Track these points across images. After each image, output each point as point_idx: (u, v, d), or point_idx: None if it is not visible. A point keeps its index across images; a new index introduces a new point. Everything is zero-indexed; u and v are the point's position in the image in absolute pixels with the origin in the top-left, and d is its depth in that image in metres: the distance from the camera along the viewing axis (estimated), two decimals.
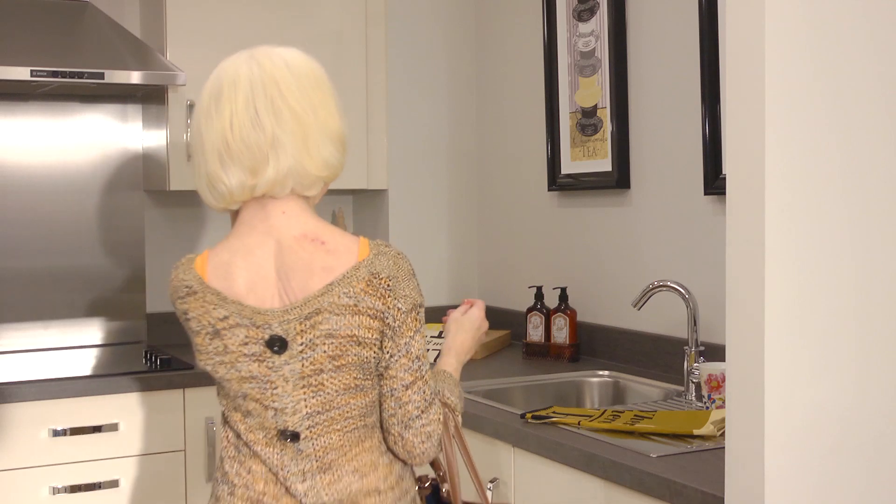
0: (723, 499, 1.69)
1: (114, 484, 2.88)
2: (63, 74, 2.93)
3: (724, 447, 1.70)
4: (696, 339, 2.56)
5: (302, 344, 1.64)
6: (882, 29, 1.65)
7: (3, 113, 3.34)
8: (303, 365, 1.64)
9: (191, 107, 3.21)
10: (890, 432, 1.68)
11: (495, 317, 3.59)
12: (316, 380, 1.65)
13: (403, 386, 1.67)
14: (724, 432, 1.81)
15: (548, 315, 3.17)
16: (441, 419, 1.72)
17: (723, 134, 2.64)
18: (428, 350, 2.67)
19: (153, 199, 3.54)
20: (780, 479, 1.59)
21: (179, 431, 2.97)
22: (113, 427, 2.89)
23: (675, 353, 2.74)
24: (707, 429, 2.09)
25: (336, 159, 1.73)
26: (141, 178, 3.51)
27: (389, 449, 1.73)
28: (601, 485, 2.02)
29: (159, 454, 2.95)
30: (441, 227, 3.70)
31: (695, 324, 2.56)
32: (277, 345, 1.65)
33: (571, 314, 3.12)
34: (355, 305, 1.63)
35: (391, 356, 1.66)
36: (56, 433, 2.83)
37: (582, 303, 3.17)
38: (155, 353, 3.23)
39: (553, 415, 2.30)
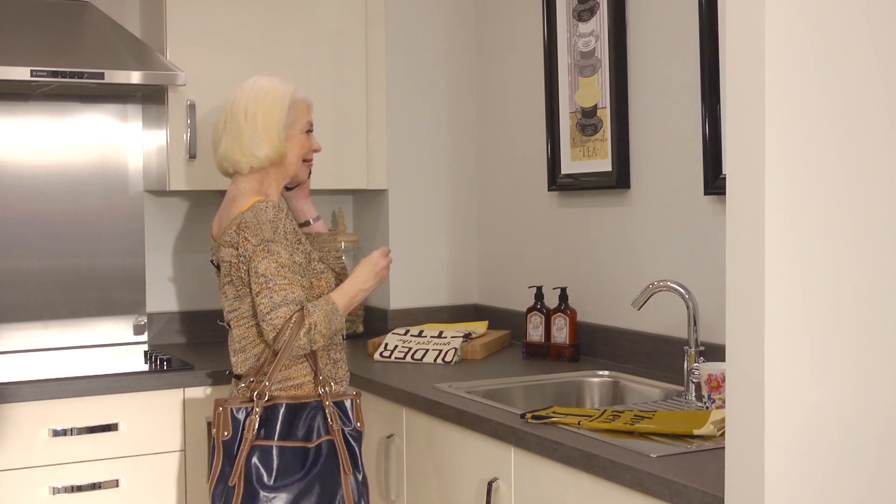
0: (723, 499, 1.69)
1: (114, 484, 2.89)
2: (63, 74, 2.93)
3: (724, 447, 1.70)
4: (696, 339, 2.56)
5: (220, 265, 2.53)
6: (882, 29, 1.66)
7: (3, 113, 3.34)
8: (219, 279, 2.57)
9: (191, 107, 3.21)
10: (890, 432, 1.68)
11: (495, 317, 3.60)
12: (223, 290, 2.54)
13: (255, 293, 2.43)
14: (724, 432, 1.81)
15: (548, 315, 3.16)
16: (289, 319, 2.39)
17: (723, 134, 2.64)
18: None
19: (153, 199, 3.54)
20: (780, 479, 1.59)
21: (179, 431, 2.97)
22: (113, 427, 2.89)
23: (675, 353, 2.74)
24: (707, 429, 2.09)
25: (263, 154, 2.55)
26: (141, 178, 3.51)
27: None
28: (601, 485, 2.02)
29: (159, 454, 2.95)
30: (441, 227, 3.70)
31: (695, 324, 2.56)
32: (214, 265, 2.59)
33: (571, 314, 3.12)
34: (229, 241, 2.47)
35: (248, 273, 2.45)
36: (56, 433, 2.83)
37: (582, 303, 3.17)
38: (155, 353, 3.23)
39: (553, 415, 2.30)
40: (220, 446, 2.43)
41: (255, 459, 2.42)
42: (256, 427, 2.42)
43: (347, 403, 2.54)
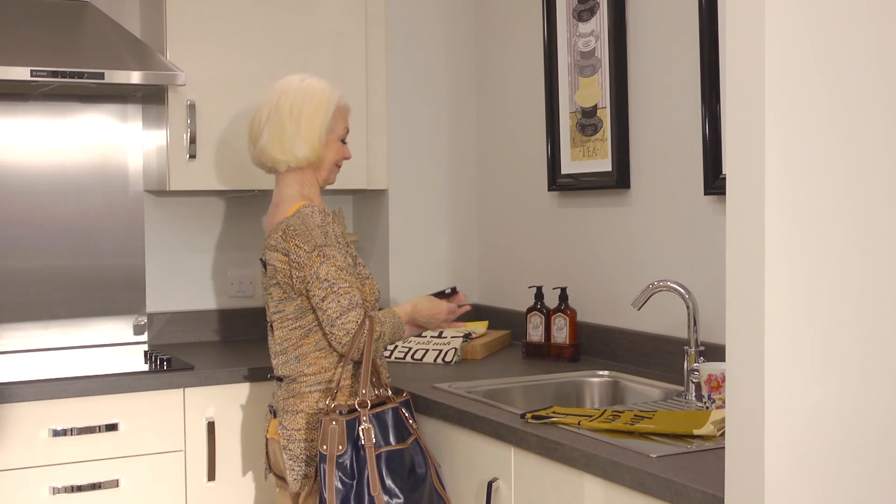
0: (723, 499, 1.69)
1: (114, 484, 2.88)
2: (63, 74, 2.93)
3: (724, 447, 1.70)
4: (696, 339, 2.56)
5: (265, 264, 2.57)
6: (883, 28, 1.65)
7: (3, 113, 3.34)
8: (265, 279, 2.59)
9: (191, 107, 3.21)
10: (891, 432, 1.68)
11: (495, 317, 3.60)
12: (269, 290, 2.57)
13: (320, 299, 2.45)
14: (724, 432, 1.81)
15: (548, 315, 3.17)
16: (360, 323, 2.43)
17: (723, 134, 2.64)
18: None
19: (153, 199, 3.54)
20: (780, 479, 1.59)
21: (179, 431, 2.97)
22: (113, 427, 2.89)
23: (675, 353, 2.74)
24: (707, 429, 2.09)
25: (302, 154, 2.57)
26: (141, 178, 3.51)
27: (329, 343, 2.51)
28: (601, 485, 2.02)
29: (159, 454, 2.95)
30: (441, 227, 3.70)
31: (695, 324, 2.56)
32: (262, 265, 2.61)
33: (571, 314, 3.12)
34: (275, 246, 2.50)
35: (303, 282, 2.47)
36: (56, 433, 2.83)
37: (582, 303, 3.17)
38: (155, 353, 3.23)
39: (553, 415, 2.30)
40: (331, 462, 2.36)
41: (384, 468, 2.40)
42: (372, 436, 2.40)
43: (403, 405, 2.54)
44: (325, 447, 2.37)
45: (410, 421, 2.50)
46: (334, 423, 2.38)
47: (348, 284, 2.45)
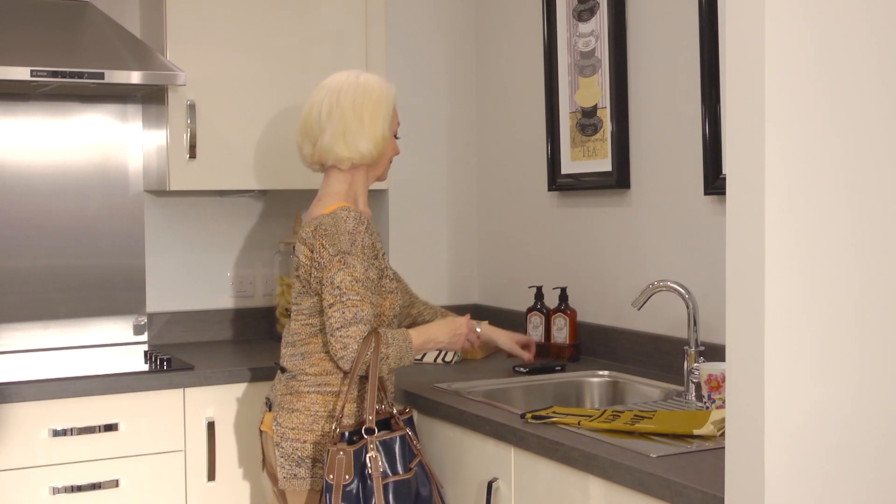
0: (723, 499, 1.69)
1: (114, 484, 2.88)
2: (63, 74, 2.93)
3: (724, 447, 1.70)
4: (696, 339, 2.56)
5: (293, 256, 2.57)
6: (882, 29, 1.65)
7: (3, 113, 3.34)
8: (293, 269, 2.58)
9: (191, 107, 3.21)
10: (891, 433, 1.68)
11: (495, 317, 3.59)
12: (292, 280, 2.58)
13: (328, 305, 2.42)
14: (724, 432, 1.81)
15: (548, 315, 3.16)
16: (362, 340, 2.38)
17: (723, 134, 2.64)
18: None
19: (153, 199, 3.54)
20: (780, 479, 1.59)
21: (179, 431, 2.97)
22: (113, 427, 2.89)
23: (675, 353, 2.74)
24: (707, 429, 2.09)
25: (366, 150, 2.55)
26: (141, 178, 3.51)
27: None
28: (601, 485, 2.02)
29: (159, 454, 2.94)
30: (441, 227, 3.70)
31: (695, 324, 2.56)
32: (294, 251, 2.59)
33: (571, 314, 3.12)
34: (304, 240, 2.50)
35: (320, 283, 2.45)
36: (56, 433, 2.82)
37: (582, 303, 3.17)
38: (155, 353, 3.23)
39: (553, 415, 2.30)
40: (338, 491, 2.32)
41: (391, 498, 2.36)
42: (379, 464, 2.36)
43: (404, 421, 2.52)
44: (331, 476, 2.32)
45: (415, 442, 2.48)
46: (342, 453, 2.33)
47: (359, 297, 2.41)
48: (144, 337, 3.50)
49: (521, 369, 2.90)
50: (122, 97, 3.46)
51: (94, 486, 2.86)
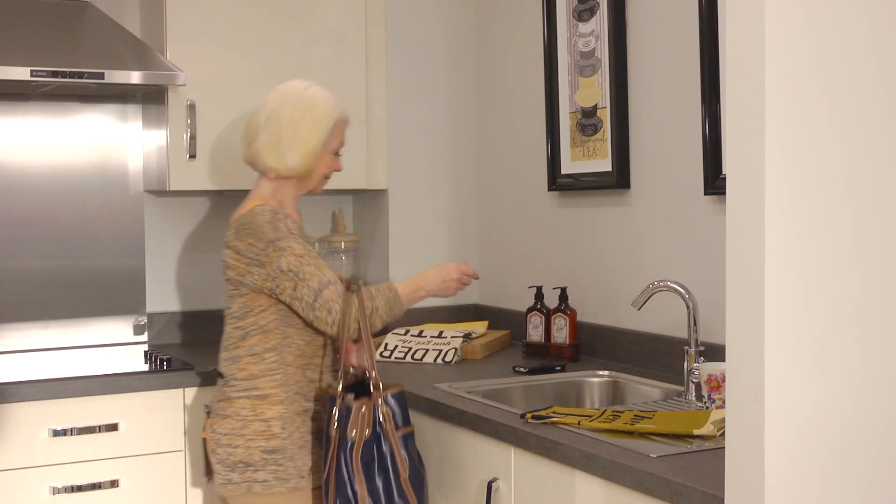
0: (723, 499, 1.69)
1: (114, 484, 2.88)
2: (63, 74, 2.93)
3: (724, 447, 1.70)
4: (696, 339, 2.56)
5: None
6: (882, 29, 1.65)
7: (3, 113, 3.34)
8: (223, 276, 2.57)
9: (191, 107, 3.21)
10: (891, 433, 1.68)
11: (495, 317, 3.60)
12: (224, 285, 2.56)
13: (291, 290, 2.43)
14: (724, 432, 1.81)
15: (548, 315, 3.16)
16: (339, 299, 2.41)
17: (723, 134, 2.64)
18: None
19: (153, 199, 3.54)
20: (780, 479, 1.59)
21: (179, 431, 2.97)
22: (113, 427, 2.89)
23: (675, 353, 2.74)
24: (707, 429, 2.09)
25: (294, 164, 2.54)
26: (141, 178, 3.51)
27: (316, 329, 2.51)
28: (601, 485, 2.02)
29: (159, 454, 2.95)
30: (441, 227, 3.70)
31: (695, 324, 2.56)
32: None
33: (571, 314, 3.12)
34: (227, 243, 2.51)
35: (273, 279, 2.44)
36: (56, 433, 2.82)
37: (582, 303, 3.17)
38: (155, 353, 3.23)
39: (553, 415, 2.30)
40: (359, 448, 2.39)
41: (404, 450, 2.45)
42: (391, 418, 2.44)
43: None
44: (354, 432, 2.39)
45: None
46: (364, 408, 2.40)
47: (314, 266, 2.44)
48: (144, 337, 3.50)
49: (521, 369, 2.90)
50: (122, 97, 3.46)
51: (94, 486, 2.86)
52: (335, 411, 2.41)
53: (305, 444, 2.51)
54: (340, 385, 2.44)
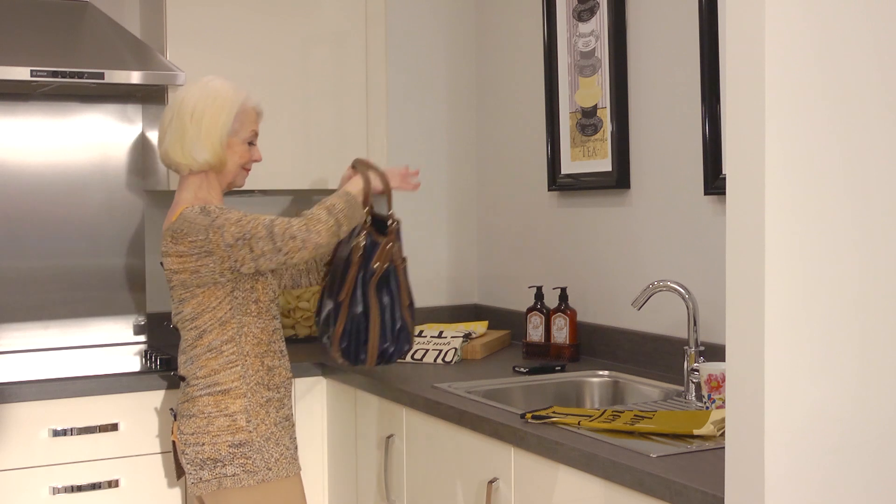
0: (723, 499, 1.69)
1: (114, 484, 2.89)
2: (63, 74, 2.93)
3: (724, 447, 1.70)
4: (696, 339, 2.56)
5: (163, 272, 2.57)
6: (883, 28, 1.66)
7: (3, 113, 3.34)
8: (166, 283, 2.59)
9: None
10: (891, 433, 1.68)
11: (495, 317, 3.60)
12: (170, 294, 2.58)
13: (248, 251, 2.42)
14: (724, 432, 1.81)
15: (548, 315, 3.16)
16: (292, 219, 2.43)
17: (723, 134, 2.64)
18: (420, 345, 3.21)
19: (153, 199, 3.54)
20: (780, 479, 1.60)
21: None
22: (113, 427, 2.89)
23: (675, 353, 2.74)
24: (707, 429, 2.09)
25: (203, 158, 2.54)
26: (141, 179, 3.51)
27: (307, 274, 2.82)
28: (601, 485, 2.02)
29: (159, 454, 2.95)
30: (441, 227, 3.70)
31: (695, 324, 2.56)
32: (163, 268, 2.58)
33: (571, 314, 3.12)
34: (166, 252, 2.51)
35: (228, 258, 2.44)
36: (56, 433, 2.83)
37: (582, 303, 3.17)
38: (155, 353, 3.23)
39: (553, 415, 2.30)
40: (378, 275, 2.65)
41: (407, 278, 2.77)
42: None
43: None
44: (377, 264, 2.65)
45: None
46: (389, 244, 2.67)
47: (254, 221, 2.44)
48: (144, 337, 3.51)
49: (522, 369, 2.90)
50: (122, 97, 3.46)
51: (94, 486, 2.86)
52: (363, 241, 2.62)
53: (271, 436, 2.53)
54: (369, 219, 2.65)
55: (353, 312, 2.64)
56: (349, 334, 2.65)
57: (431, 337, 3.24)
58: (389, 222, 2.71)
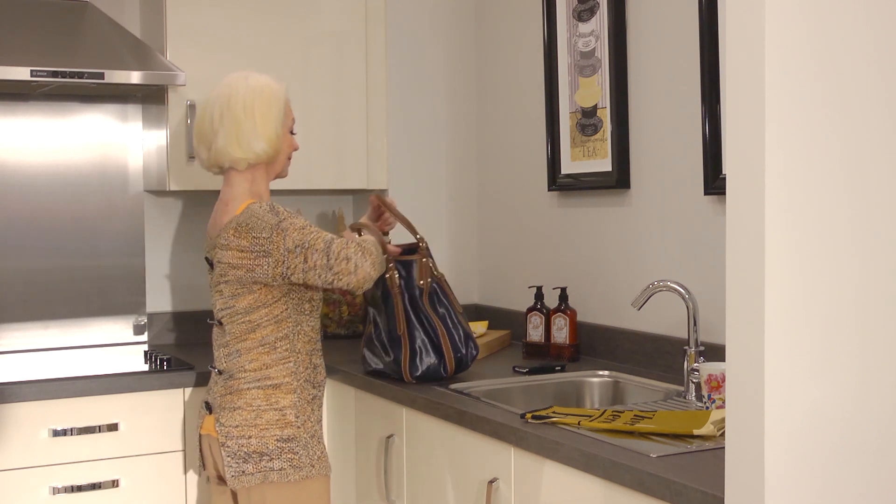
0: (723, 499, 1.69)
1: (114, 484, 2.89)
2: (63, 74, 2.93)
3: (724, 447, 1.70)
4: (696, 339, 2.56)
5: (214, 264, 2.57)
6: (882, 29, 1.66)
7: (3, 113, 3.34)
8: (213, 277, 2.60)
9: (191, 107, 3.21)
10: (891, 433, 1.68)
11: (495, 317, 3.60)
12: (218, 288, 2.57)
13: (303, 262, 2.46)
14: (724, 432, 1.81)
15: (548, 315, 3.16)
16: (350, 243, 2.49)
17: (723, 134, 2.64)
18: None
19: (153, 199, 3.54)
20: (780, 479, 1.60)
21: (179, 431, 2.97)
22: (113, 427, 2.89)
23: (675, 353, 2.74)
24: (707, 429, 2.09)
25: (261, 149, 2.58)
26: (141, 178, 3.51)
27: (348, 292, 3.01)
28: (601, 485, 2.02)
29: (159, 454, 2.95)
30: (441, 227, 3.70)
31: (695, 324, 2.56)
32: (208, 263, 2.63)
33: (571, 314, 3.12)
34: (227, 244, 2.51)
35: (282, 263, 2.47)
36: (56, 433, 2.83)
37: (582, 303, 3.17)
38: (155, 353, 3.23)
39: (553, 415, 2.30)
40: (427, 291, 2.80)
41: None
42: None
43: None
44: (422, 281, 2.78)
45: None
46: (425, 259, 2.81)
47: (316, 233, 2.49)
48: (144, 337, 3.51)
49: (521, 369, 2.90)
50: (122, 97, 3.47)
51: (94, 486, 2.86)
52: (394, 273, 2.76)
53: (315, 433, 2.57)
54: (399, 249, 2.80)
55: (414, 336, 2.76)
56: (420, 357, 2.76)
57: None
58: (418, 239, 2.84)
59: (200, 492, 2.99)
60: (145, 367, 3.06)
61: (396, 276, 2.77)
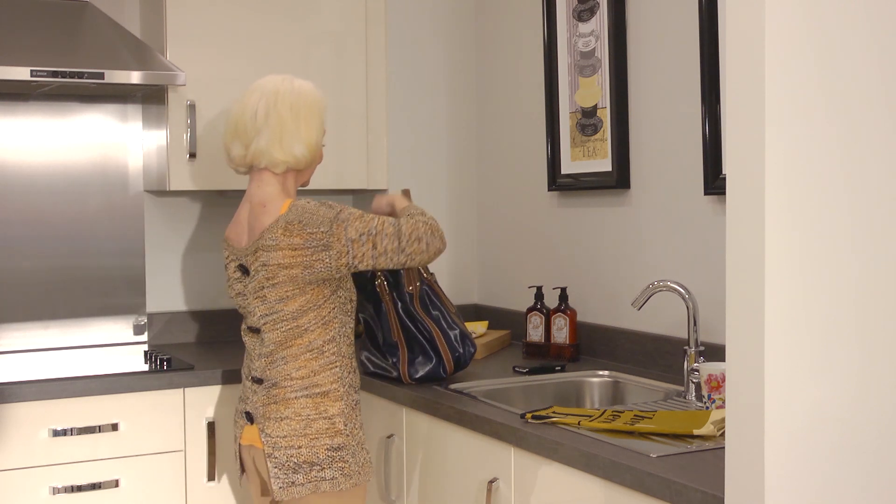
0: (723, 499, 1.69)
1: (114, 484, 2.89)
2: (63, 74, 2.93)
3: (724, 447, 1.70)
4: (696, 339, 2.56)
5: (253, 270, 2.48)
6: (883, 28, 1.66)
7: (3, 113, 3.34)
8: (251, 284, 2.50)
9: (191, 107, 3.21)
10: (890, 432, 1.68)
11: (495, 317, 3.60)
12: (261, 293, 2.48)
13: (371, 248, 2.43)
14: (724, 432, 1.81)
15: (548, 315, 3.16)
16: (418, 222, 2.47)
17: (723, 134, 2.64)
18: None
19: (153, 199, 3.54)
20: (780, 479, 1.60)
21: (179, 431, 2.97)
22: (113, 427, 2.89)
23: (675, 353, 2.74)
24: (707, 429, 2.09)
25: (301, 154, 2.54)
26: (141, 178, 3.51)
27: (425, 265, 2.67)
28: (601, 485, 2.02)
29: (159, 454, 2.95)
30: (441, 227, 3.69)
31: (695, 324, 2.56)
32: (242, 270, 2.53)
33: (571, 314, 3.12)
34: (275, 245, 2.43)
35: (346, 253, 2.42)
36: (56, 433, 2.83)
37: (582, 303, 3.17)
38: (155, 353, 3.23)
39: (553, 415, 2.30)
40: (417, 295, 2.80)
41: None
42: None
43: None
44: (410, 287, 2.78)
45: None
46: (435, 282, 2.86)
47: (379, 219, 2.45)
48: (144, 337, 3.51)
49: (521, 369, 2.90)
50: (122, 97, 3.47)
51: (94, 486, 2.86)
52: (382, 279, 2.76)
53: (361, 441, 2.53)
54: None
55: (410, 342, 2.77)
56: (418, 361, 2.77)
57: None
58: None
59: (200, 492, 2.99)
60: (145, 367, 3.06)
61: (385, 284, 2.76)
